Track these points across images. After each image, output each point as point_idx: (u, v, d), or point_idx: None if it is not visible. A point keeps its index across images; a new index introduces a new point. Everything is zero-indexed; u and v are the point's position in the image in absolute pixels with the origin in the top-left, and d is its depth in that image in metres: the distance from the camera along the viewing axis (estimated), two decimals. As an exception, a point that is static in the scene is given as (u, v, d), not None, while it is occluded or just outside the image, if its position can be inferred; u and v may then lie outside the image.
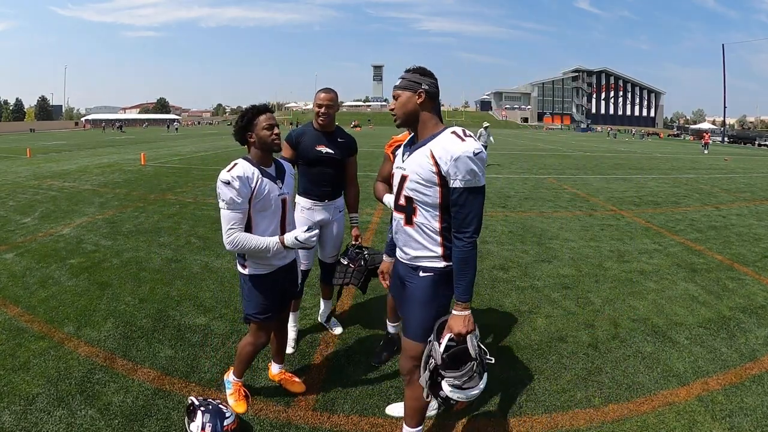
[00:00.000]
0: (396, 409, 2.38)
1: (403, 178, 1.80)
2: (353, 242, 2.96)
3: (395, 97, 1.81)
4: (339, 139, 2.88)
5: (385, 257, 2.27)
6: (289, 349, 2.97)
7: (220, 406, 2.18)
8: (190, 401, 2.19)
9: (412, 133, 2.59)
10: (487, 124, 14.88)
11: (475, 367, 1.68)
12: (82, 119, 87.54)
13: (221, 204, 2.05)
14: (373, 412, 2.40)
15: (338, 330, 3.25)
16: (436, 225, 1.76)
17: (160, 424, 2.22)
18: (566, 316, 3.59)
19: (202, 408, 2.13)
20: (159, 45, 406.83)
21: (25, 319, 3.29)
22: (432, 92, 1.78)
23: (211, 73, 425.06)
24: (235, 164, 2.08)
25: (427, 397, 1.76)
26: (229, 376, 2.42)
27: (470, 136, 1.69)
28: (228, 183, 2.01)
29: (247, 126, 2.12)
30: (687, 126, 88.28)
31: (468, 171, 1.63)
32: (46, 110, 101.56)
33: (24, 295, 3.73)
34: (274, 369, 2.60)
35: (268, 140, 2.14)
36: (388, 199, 2.43)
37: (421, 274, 1.83)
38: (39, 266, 4.43)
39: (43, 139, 33.59)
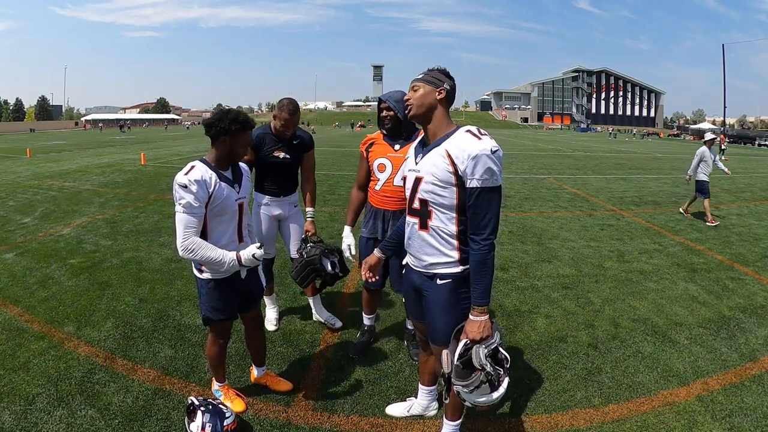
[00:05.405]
0: (396, 409, 2.38)
1: (418, 180, 1.75)
2: (304, 236, 2.97)
3: (414, 89, 1.76)
4: (294, 142, 2.98)
5: (376, 252, 2.10)
6: (272, 327, 3.03)
7: (220, 406, 2.18)
8: (190, 401, 2.19)
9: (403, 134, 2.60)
10: (713, 136, 7.95)
11: (483, 377, 1.62)
12: (83, 119, 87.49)
13: (178, 208, 1.96)
14: (373, 412, 2.40)
15: (338, 324, 3.24)
16: (453, 228, 1.71)
17: (160, 424, 2.22)
18: (566, 316, 3.59)
19: (202, 408, 2.12)
20: (159, 45, 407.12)
21: (25, 319, 3.29)
22: (451, 94, 1.76)
23: (211, 73, 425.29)
24: (193, 167, 1.99)
25: (446, 399, 1.75)
26: (214, 385, 2.41)
27: (485, 134, 1.66)
28: (185, 186, 1.93)
29: (234, 133, 2.01)
30: (687, 126, 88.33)
31: (486, 170, 1.60)
32: (46, 110, 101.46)
33: (24, 295, 3.72)
34: (257, 372, 2.55)
35: (239, 157, 2.12)
36: (346, 241, 2.63)
37: (439, 282, 1.77)
38: (39, 266, 4.43)
39: (43, 139, 33.58)
